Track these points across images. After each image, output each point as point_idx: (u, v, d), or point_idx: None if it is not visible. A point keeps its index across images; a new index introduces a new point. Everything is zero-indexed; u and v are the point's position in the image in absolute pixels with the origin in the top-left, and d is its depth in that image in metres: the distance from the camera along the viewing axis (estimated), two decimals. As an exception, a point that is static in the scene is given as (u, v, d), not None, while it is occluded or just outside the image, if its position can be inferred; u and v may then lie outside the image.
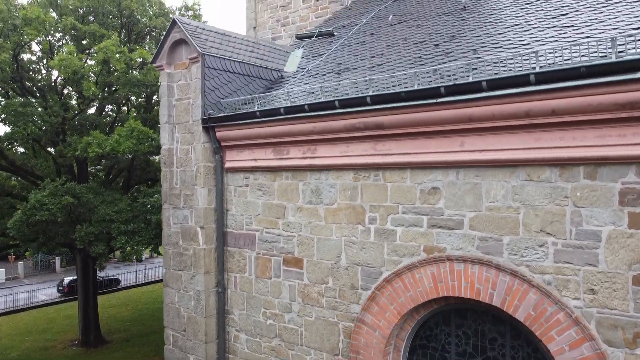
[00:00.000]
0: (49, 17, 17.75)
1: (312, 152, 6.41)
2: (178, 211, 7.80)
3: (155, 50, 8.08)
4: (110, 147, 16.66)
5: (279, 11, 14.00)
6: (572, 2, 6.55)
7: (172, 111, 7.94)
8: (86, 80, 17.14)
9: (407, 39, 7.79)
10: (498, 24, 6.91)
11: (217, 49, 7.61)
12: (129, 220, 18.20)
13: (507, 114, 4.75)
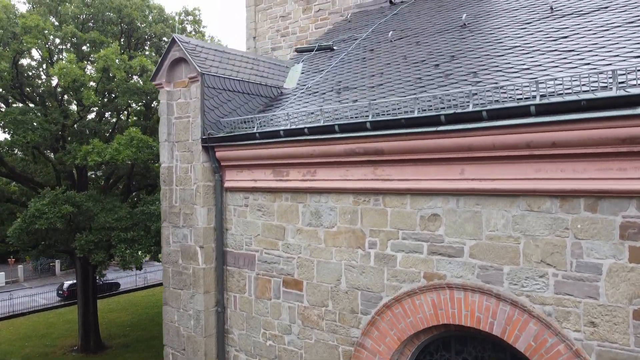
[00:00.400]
0: (49, 25, 17.72)
1: (311, 175, 6.39)
2: (177, 230, 7.78)
3: (155, 68, 8.06)
4: (109, 155, 16.64)
5: (278, 21, 13.99)
6: (572, 24, 6.54)
7: (172, 129, 7.93)
8: (86, 89, 17.12)
9: (407, 57, 7.78)
10: (498, 44, 6.89)
11: (216, 68, 7.60)
12: (129, 228, 18.20)
13: (507, 144, 4.73)
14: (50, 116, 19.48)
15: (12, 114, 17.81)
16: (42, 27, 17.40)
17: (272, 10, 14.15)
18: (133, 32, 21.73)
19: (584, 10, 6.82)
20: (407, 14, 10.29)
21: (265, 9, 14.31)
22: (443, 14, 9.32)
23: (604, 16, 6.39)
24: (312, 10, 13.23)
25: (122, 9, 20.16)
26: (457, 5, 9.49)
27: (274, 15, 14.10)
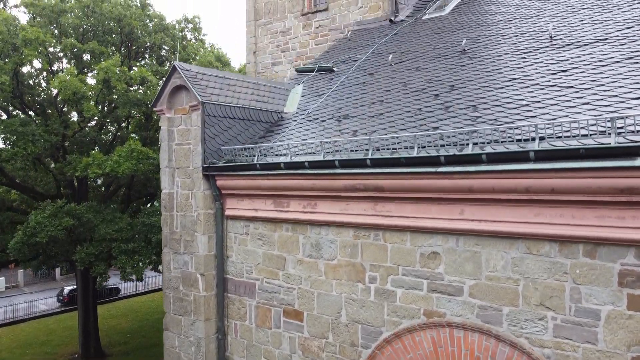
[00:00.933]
0: (49, 38, 17.75)
1: (312, 207, 6.42)
2: (178, 256, 7.82)
3: (154, 78, 8.09)
4: (110, 167, 16.68)
5: (278, 37, 14.02)
6: (571, 55, 6.56)
7: (172, 155, 7.96)
8: (86, 101, 17.15)
9: (407, 84, 7.81)
10: (498, 74, 6.92)
11: (217, 96, 7.63)
12: (129, 239, 18.24)
13: (506, 188, 4.76)
14: (50, 126, 19.52)
15: (13, 125, 17.83)
16: (42, 40, 17.43)
17: (272, 26, 14.18)
18: (133, 41, 21.76)
19: (583, 42, 6.84)
20: (407, 35, 10.32)
21: (265, 23, 14.34)
22: (443, 36, 9.34)
23: (603, 49, 6.42)
24: (312, 26, 13.26)
25: (122, 19, 20.19)
26: (457, 28, 9.52)
27: (274, 30, 14.13)
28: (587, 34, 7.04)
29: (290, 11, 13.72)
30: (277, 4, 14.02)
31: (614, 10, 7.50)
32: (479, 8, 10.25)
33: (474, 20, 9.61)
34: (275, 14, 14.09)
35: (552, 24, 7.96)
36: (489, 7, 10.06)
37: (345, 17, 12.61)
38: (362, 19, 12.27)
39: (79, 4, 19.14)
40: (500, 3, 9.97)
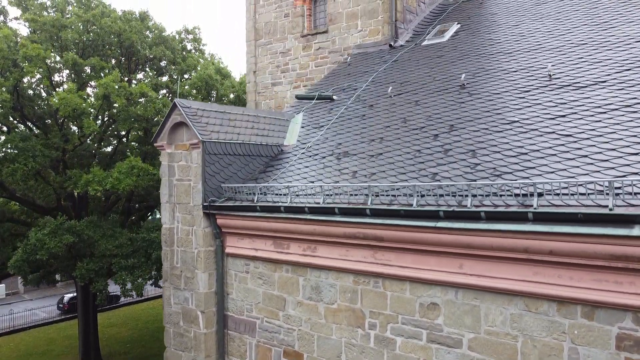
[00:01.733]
0: (49, 54, 17.79)
1: (312, 251, 6.45)
2: (179, 292, 7.84)
3: (157, 131, 8.13)
4: (110, 185, 16.71)
5: (278, 57, 14.06)
6: (570, 99, 6.59)
7: (173, 191, 7.99)
8: (86, 117, 17.18)
9: (406, 120, 7.84)
10: (496, 115, 6.95)
11: (217, 133, 7.66)
12: (129, 255, 18.26)
13: (505, 246, 4.80)
14: (51, 140, 19.54)
15: (13, 141, 17.86)
16: (43, 56, 17.46)
17: (272, 46, 14.22)
18: (133, 54, 21.79)
19: (581, 83, 6.88)
20: (406, 62, 10.35)
21: (265, 44, 14.38)
22: (442, 67, 9.38)
23: (601, 93, 6.45)
24: (312, 48, 13.30)
25: (122, 33, 20.21)
26: (456, 58, 9.55)
27: (274, 50, 14.17)
28: (586, 75, 7.07)
29: (290, 32, 13.76)
30: (277, 24, 14.06)
31: (613, 49, 7.53)
32: (478, 36, 10.28)
33: (473, 50, 9.64)
34: (275, 34, 14.12)
35: (550, 59, 8.00)
36: (489, 35, 10.09)
37: (345, 40, 12.65)
38: (362, 42, 12.31)
39: (79, 19, 19.18)
40: (500, 32, 10.00)
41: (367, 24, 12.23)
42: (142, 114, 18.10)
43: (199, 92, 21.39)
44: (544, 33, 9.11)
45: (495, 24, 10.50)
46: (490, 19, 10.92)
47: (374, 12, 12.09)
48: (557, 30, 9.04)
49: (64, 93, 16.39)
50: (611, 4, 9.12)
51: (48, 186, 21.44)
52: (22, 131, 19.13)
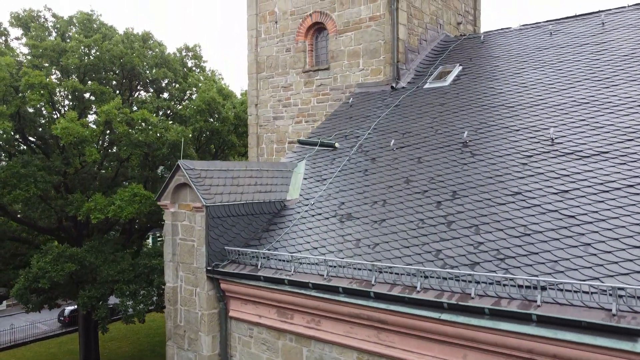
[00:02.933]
0: (51, 81, 17.82)
1: (316, 324, 6.48)
2: (182, 352, 7.87)
3: (160, 190, 8.16)
4: (112, 213, 16.74)
5: (280, 91, 14.10)
6: (573, 170, 6.60)
7: (176, 250, 8.02)
8: (88, 145, 17.21)
9: (409, 181, 7.87)
10: (500, 184, 6.96)
11: (221, 195, 7.69)
12: (131, 280, 18.29)
13: (509, 345, 4.82)
14: (52, 163, 19.57)
15: (15, 168, 17.88)
16: (45, 83, 17.49)
17: (274, 80, 14.25)
18: (134, 77, 21.81)
19: (584, 152, 6.90)
20: (408, 109, 10.37)
21: (267, 77, 14.41)
22: (444, 117, 9.40)
23: (604, 166, 6.47)
24: (314, 84, 13.33)
25: (123, 57, 20.24)
26: (457, 107, 9.58)
27: (276, 84, 14.20)
28: (588, 142, 7.09)
29: (292, 67, 13.79)
30: (279, 59, 14.09)
31: (615, 112, 7.55)
32: (480, 82, 10.31)
33: (475, 99, 9.67)
34: (277, 68, 14.16)
35: (552, 118, 8.03)
36: (490, 83, 10.12)
37: (346, 77, 12.68)
38: (364, 81, 12.34)
39: (81, 44, 19.20)
40: (502, 80, 10.02)
41: (369, 63, 12.26)
42: (143, 140, 18.11)
43: (202, 115, 21.41)
44: (545, 85, 9.14)
45: (497, 70, 10.53)
46: (492, 63, 10.94)
47: (376, 51, 12.13)
48: (559, 82, 9.06)
49: (66, 122, 16.40)
50: (612, 57, 9.14)
51: (49, 208, 21.48)
52: (23, 156, 19.11)
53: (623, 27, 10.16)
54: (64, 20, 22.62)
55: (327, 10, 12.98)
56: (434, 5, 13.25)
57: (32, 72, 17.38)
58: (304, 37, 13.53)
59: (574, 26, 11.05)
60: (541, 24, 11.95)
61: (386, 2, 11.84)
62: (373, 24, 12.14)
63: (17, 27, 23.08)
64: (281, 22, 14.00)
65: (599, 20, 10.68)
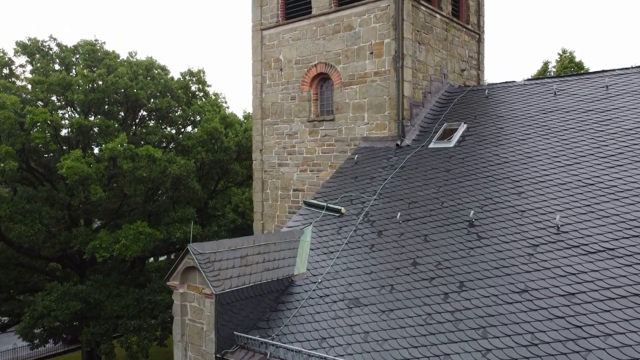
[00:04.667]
0: (56, 117, 17.92)
1: (325, 423, 6.55)
2: None
3: (169, 271, 8.24)
4: (117, 251, 16.84)
5: (285, 138, 14.19)
6: (578, 268, 6.68)
7: (185, 330, 8.10)
8: (93, 183, 17.31)
9: (416, 264, 7.95)
10: (507, 276, 7.04)
11: (230, 279, 7.77)
12: (135, 316, 18.39)
13: None
14: (56, 196, 19.67)
15: (19, 204, 18.00)
16: (49, 119, 17.60)
17: (278, 127, 14.34)
18: (138, 107, 21.92)
19: (589, 246, 6.97)
20: (413, 172, 10.45)
21: (272, 123, 14.50)
22: (450, 187, 9.48)
23: (610, 265, 6.54)
24: (319, 134, 13.42)
25: (127, 89, 20.33)
26: (463, 176, 9.65)
27: (281, 131, 14.29)
28: (594, 233, 7.16)
29: (297, 115, 13.88)
30: (284, 106, 14.18)
31: (621, 198, 7.63)
32: (484, 147, 10.38)
33: (480, 167, 9.74)
34: (282, 115, 14.25)
35: (558, 199, 8.11)
36: (495, 148, 10.19)
37: (351, 130, 12.77)
38: (369, 135, 12.43)
39: (85, 79, 19.30)
40: (507, 146, 10.09)
41: (374, 118, 12.35)
42: (147, 176, 18.21)
43: (204, 145, 21.51)
44: (550, 158, 9.20)
45: (502, 134, 10.60)
46: (496, 124, 11.01)
47: (381, 106, 12.21)
48: (564, 155, 9.13)
49: (71, 161, 16.50)
50: (617, 130, 9.22)
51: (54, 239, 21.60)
52: (27, 188, 19.23)
53: (627, 92, 10.24)
54: (69, 49, 22.77)
55: (332, 62, 13.07)
56: (438, 56, 13.34)
57: (36, 110, 17.49)
58: (309, 86, 13.62)
59: (578, 87, 11.13)
60: (545, 81, 12.03)
61: (391, 58, 11.92)
62: (378, 79, 12.23)
63: (22, 55, 23.23)
64: (286, 70, 14.08)
65: (603, 83, 10.76)
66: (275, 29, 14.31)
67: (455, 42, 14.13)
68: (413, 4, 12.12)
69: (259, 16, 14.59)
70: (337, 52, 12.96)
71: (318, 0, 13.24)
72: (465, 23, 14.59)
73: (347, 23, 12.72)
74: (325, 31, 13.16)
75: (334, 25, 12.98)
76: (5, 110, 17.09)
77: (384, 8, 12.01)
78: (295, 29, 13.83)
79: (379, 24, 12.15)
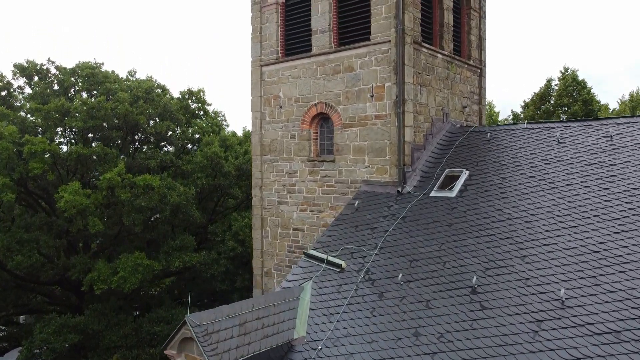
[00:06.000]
0: (54, 147, 17.79)
1: None
2: None
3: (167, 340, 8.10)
4: (115, 284, 16.70)
5: (285, 176, 14.05)
6: (585, 352, 6.54)
7: (183, 400, 7.96)
8: (91, 215, 17.17)
9: (418, 335, 7.80)
10: (507, 355, 6.90)
11: (228, 351, 7.63)
12: (134, 345, 18.26)
13: None
14: (54, 222, 19.53)
15: (18, 234, 17.87)
16: (48, 149, 17.47)
17: (278, 164, 14.21)
18: (137, 131, 21.79)
19: (595, 326, 6.81)
20: (415, 225, 10.31)
21: (272, 160, 14.37)
22: (453, 244, 9.34)
23: (617, 350, 6.39)
24: (319, 174, 13.28)
25: (127, 115, 20.19)
26: (465, 233, 9.51)
27: (281, 169, 14.16)
28: (599, 311, 7.01)
29: (297, 154, 13.75)
30: (284, 144, 14.05)
31: (626, 270, 7.47)
32: (487, 199, 10.24)
33: (483, 223, 9.60)
34: (282, 153, 14.11)
35: (563, 267, 7.97)
36: (497, 201, 10.05)
37: (352, 172, 12.64)
38: (369, 179, 12.29)
39: (85, 106, 19.16)
40: (510, 200, 9.95)
41: (375, 162, 12.21)
42: (146, 205, 18.07)
43: (204, 171, 21.38)
44: (554, 218, 9.04)
45: (504, 184, 10.45)
46: (499, 174, 10.86)
47: (382, 151, 12.07)
48: (568, 215, 8.98)
49: (69, 195, 16.36)
50: (622, 188, 9.08)
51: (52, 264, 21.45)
52: (25, 217, 19.09)
53: (631, 144, 10.10)
54: (68, 71, 22.65)
55: (332, 102, 12.94)
56: (439, 95, 13.20)
57: (34, 139, 17.36)
58: (309, 125, 13.48)
59: (582, 135, 10.99)
60: (548, 125, 11.90)
61: (392, 103, 11.78)
62: (379, 122, 12.09)
63: (20, 77, 23.12)
64: (286, 108, 13.95)
65: (607, 133, 10.62)
66: (275, 65, 14.17)
67: (456, 79, 13.99)
68: (414, 47, 11.98)
69: (259, 52, 14.46)
70: (337, 92, 12.82)
71: (318, 39, 13.10)
72: (466, 59, 14.45)
73: (348, 64, 12.59)
74: (326, 71, 13.03)
75: (334, 66, 12.84)
76: (3, 141, 16.95)
77: (385, 51, 11.87)
78: (295, 67, 13.69)
79: (379, 67, 12.01)
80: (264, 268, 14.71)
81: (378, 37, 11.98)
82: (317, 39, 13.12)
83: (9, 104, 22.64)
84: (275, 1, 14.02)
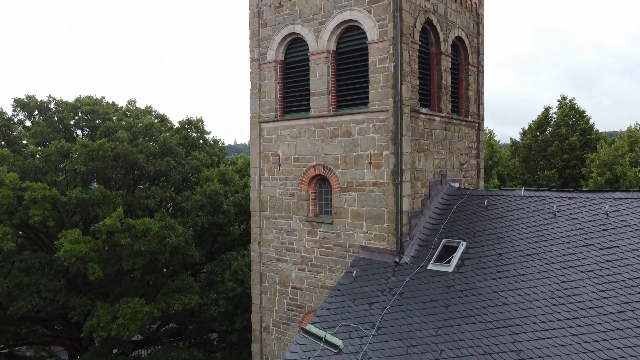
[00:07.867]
0: (55, 192, 17.83)
1: None
2: None
3: None
4: (115, 332, 16.74)
5: (283, 234, 14.12)
6: None
7: None
8: (91, 262, 17.21)
9: None
10: None
11: None
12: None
13: None
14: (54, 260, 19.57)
15: (17, 278, 17.92)
16: (48, 195, 17.52)
17: (277, 222, 14.26)
18: (136, 169, 21.84)
19: None
20: (412, 302, 10.36)
21: (270, 217, 14.43)
22: (449, 329, 9.38)
23: None
24: (317, 235, 13.33)
25: (127, 156, 20.24)
26: (462, 317, 9.55)
27: (279, 226, 14.22)
28: None
29: (295, 213, 13.81)
30: (282, 202, 14.11)
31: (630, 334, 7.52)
32: (484, 277, 10.29)
33: (479, 307, 9.64)
34: (280, 211, 14.17)
35: None
36: (494, 280, 10.10)
37: (350, 237, 12.69)
38: (367, 244, 12.34)
39: (85, 149, 19.21)
40: (505, 279, 9.99)
41: (373, 228, 12.26)
42: (145, 249, 18.11)
43: (204, 209, 21.44)
44: (550, 306, 9.08)
45: (501, 262, 10.50)
46: (496, 248, 10.91)
47: (379, 218, 12.13)
48: (564, 304, 9.02)
49: (69, 244, 16.42)
50: (619, 277, 9.12)
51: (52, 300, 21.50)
52: (25, 259, 19.12)
53: (627, 224, 10.16)
54: (68, 106, 22.76)
55: (330, 165, 13.00)
56: (437, 158, 13.26)
57: (35, 185, 17.43)
58: (307, 186, 13.54)
59: (578, 208, 11.05)
60: (545, 194, 11.96)
61: (390, 171, 11.83)
62: (377, 189, 12.15)
63: (20, 112, 23.25)
64: (284, 166, 14.02)
65: (603, 209, 10.67)
66: (274, 123, 14.25)
67: (454, 137, 14.06)
68: (412, 115, 12.04)
69: (258, 109, 14.53)
70: (335, 156, 12.88)
71: (317, 101, 13.17)
72: (464, 117, 14.52)
73: (346, 129, 12.65)
74: (324, 133, 13.09)
75: (333, 129, 12.91)
76: (4, 189, 17.02)
77: (383, 120, 11.94)
78: (294, 127, 13.76)
79: (377, 135, 12.08)
80: (262, 323, 14.76)
81: (376, 105, 12.04)
82: (315, 101, 13.18)
83: (9, 137, 22.74)
84: (274, 59, 14.10)
